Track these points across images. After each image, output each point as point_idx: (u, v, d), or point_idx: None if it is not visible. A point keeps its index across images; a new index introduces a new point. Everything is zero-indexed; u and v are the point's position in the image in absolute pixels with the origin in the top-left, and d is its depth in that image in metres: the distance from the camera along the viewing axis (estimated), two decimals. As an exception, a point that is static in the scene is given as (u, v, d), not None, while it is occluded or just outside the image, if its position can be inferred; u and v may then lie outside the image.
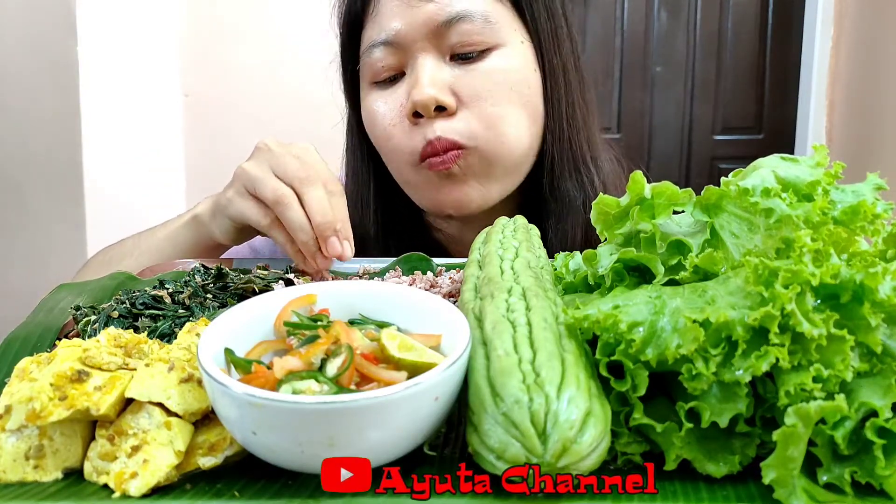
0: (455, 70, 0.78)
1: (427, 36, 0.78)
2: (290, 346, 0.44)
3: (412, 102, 0.77)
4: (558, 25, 0.83)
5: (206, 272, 0.66)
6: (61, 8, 1.70)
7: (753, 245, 0.45)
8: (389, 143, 0.82)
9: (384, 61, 0.80)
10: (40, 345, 0.57)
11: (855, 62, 2.76)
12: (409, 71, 0.80)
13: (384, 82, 0.82)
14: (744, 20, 3.15)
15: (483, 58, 0.79)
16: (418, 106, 0.77)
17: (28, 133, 1.64)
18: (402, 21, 0.78)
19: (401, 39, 0.78)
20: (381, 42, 0.79)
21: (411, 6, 0.77)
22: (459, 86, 0.78)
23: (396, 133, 0.81)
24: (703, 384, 0.38)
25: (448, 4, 0.77)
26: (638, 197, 0.51)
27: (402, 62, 0.80)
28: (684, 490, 0.38)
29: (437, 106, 0.77)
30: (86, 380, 0.41)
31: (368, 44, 0.81)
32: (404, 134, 0.80)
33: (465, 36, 0.77)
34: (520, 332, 0.41)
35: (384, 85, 0.82)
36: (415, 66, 0.78)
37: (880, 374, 0.38)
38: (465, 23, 0.77)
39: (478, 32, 0.77)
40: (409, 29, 0.78)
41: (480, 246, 0.59)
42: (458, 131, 0.78)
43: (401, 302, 0.49)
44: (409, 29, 0.78)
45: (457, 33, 0.77)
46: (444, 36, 0.77)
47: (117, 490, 0.38)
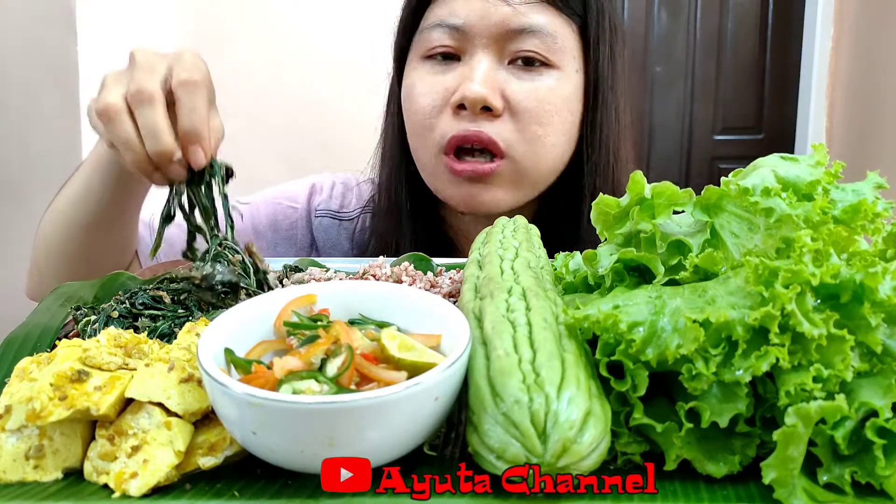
0: (509, 76, 0.80)
1: (495, 36, 0.79)
2: (290, 346, 0.44)
3: (462, 95, 0.78)
4: (617, 66, 0.85)
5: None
6: (61, 8, 1.70)
7: (753, 245, 0.45)
8: (423, 123, 0.82)
9: (444, 42, 0.81)
10: (40, 345, 0.57)
11: (855, 62, 2.76)
12: (465, 60, 0.81)
13: (437, 59, 0.82)
14: (744, 20, 3.15)
15: (539, 73, 0.80)
16: (467, 101, 0.78)
17: (28, 133, 1.64)
18: (475, 13, 0.79)
19: (468, 30, 0.79)
20: (448, 25, 0.80)
21: (489, 2, 0.79)
22: (510, 92, 0.79)
23: (433, 115, 0.81)
24: (703, 384, 0.38)
25: (524, 14, 0.78)
26: (638, 197, 0.51)
27: (461, 49, 0.81)
28: (684, 490, 0.38)
29: (483, 106, 0.78)
30: (86, 380, 0.41)
31: (434, 21, 0.82)
32: (442, 119, 0.81)
33: (530, 49, 0.79)
34: (520, 332, 0.41)
35: (436, 62, 0.82)
36: (472, 60, 0.80)
37: (880, 374, 0.38)
38: (535, 37, 0.79)
39: (543, 49, 0.79)
40: (479, 23, 0.79)
41: (480, 246, 0.59)
42: (500, 135, 0.79)
43: (401, 302, 0.48)
44: (479, 23, 0.79)
45: (525, 43, 0.79)
46: (510, 41, 0.79)
47: (117, 490, 0.38)
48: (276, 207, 0.96)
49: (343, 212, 0.97)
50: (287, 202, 0.97)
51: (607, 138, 0.85)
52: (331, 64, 2.51)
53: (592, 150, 0.84)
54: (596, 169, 0.85)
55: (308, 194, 0.98)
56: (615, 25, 0.84)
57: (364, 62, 1.08)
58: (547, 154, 0.81)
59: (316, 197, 0.98)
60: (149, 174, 0.64)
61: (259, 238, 0.94)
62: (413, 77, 0.84)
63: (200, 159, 0.63)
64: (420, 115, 0.82)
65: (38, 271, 0.86)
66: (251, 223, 0.93)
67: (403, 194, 0.89)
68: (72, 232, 0.80)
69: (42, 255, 0.84)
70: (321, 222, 0.96)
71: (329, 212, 0.97)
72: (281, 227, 0.95)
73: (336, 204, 0.97)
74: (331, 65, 2.51)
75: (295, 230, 0.96)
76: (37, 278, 0.87)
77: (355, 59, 2.38)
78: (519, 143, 0.79)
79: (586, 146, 0.84)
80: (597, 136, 0.84)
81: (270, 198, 0.97)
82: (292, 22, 2.55)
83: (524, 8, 0.78)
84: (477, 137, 0.78)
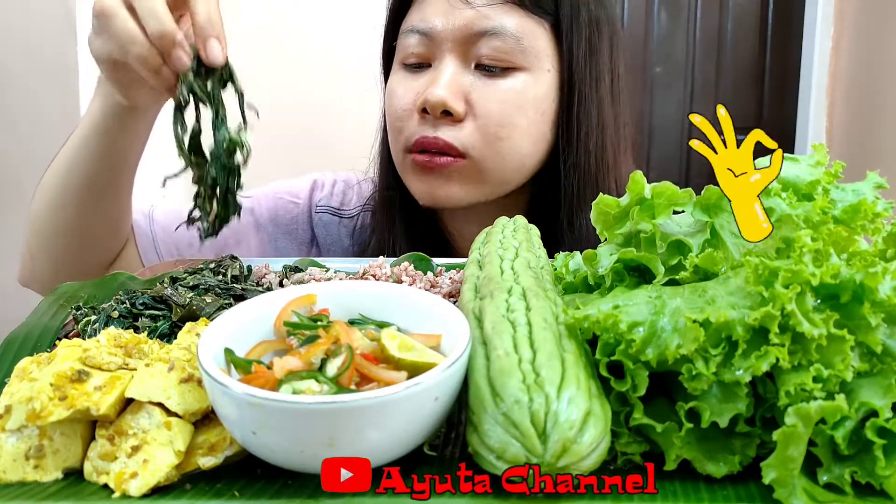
0: (475, 79, 0.81)
1: (459, 40, 0.80)
2: (290, 346, 0.44)
3: (423, 99, 0.80)
4: (599, 62, 0.85)
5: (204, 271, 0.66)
6: (61, 8, 1.70)
7: (753, 245, 0.45)
8: (396, 125, 0.85)
9: (416, 49, 0.83)
10: (40, 345, 0.57)
11: (855, 62, 2.76)
12: (434, 65, 0.82)
13: (412, 66, 0.85)
14: (744, 20, 3.15)
15: (505, 75, 0.81)
16: (428, 105, 0.79)
17: (28, 133, 1.64)
18: (442, 18, 0.80)
19: (435, 35, 0.81)
20: (418, 31, 0.82)
21: (453, 7, 0.80)
22: (474, 96, 0.80)
23: (404, 118, 0.83)
24: (703, 384, 0.38)
25: (486, 17, 0.79)
26: (638, 197, 0.51)
27: (431, 54, 0.83)
28: (684, 490, 0.38)
29: (444, 110, 0.79)
30: (86, 380, 0.41)
31: (408, 26, 0.84)
32: (411, 122, 0.83)
33: (494, 51, 0.80)
34: (520, 332, 0.41)
35: (411, 69, 0.85)
36: (440, 64, 0.81)
37: (880, 374, 0.38)
38: (497, 39, 0.79)
39: (506, 51, 0.80)
40: (444, 28, 0.80)
41: (480, 246, 0.59)
42: (458, 139, 0.80)
43: (401, 302, 0.48)
44: (444, 28, 0.80)
45: (487, 46, 0.79)
46: (474, 44, 0.80)
47: (117, 490, 0.38)
48: (278, 202, 0.97)
49: (343, 209, 0.98)
50: (289, 197, 0.98)
51: (586, 136, 0.84)
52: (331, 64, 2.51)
53: (570, 150, 0.84)
54: (574, 170, 0.84)
55: (310, 190, 0.99)
56: (596, 19, 0.84)
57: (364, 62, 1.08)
58: (511, 155, 0.82)
59: (317, 193, 0.99)
60: (157, 68, 0.63)
61: (260, 230, 0.95)
62: (392, 82, 0.86)
63: (217, 54, 0.62)
64: (393, 118, 0.85)
65: (29, 254, 0.86)
66: (252, 216, 0.94)
67: (397, 194, 0.90)
68: (63, 201, 0.80)
69: (34, 234, 0.84)
70: (321, 218, 0.97)
71: (330, 208, 0.98)
72: (281, 222, 0.96)
73: (337, 201, 0.99)
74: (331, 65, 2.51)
75: (296, 225, 0.97)
76: (29, 263, 0.86)
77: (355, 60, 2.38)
78: (480, 145, 0.81)
79: (563, 145, 0.84)
80: (574, 133, 0.84)
81: (272, 192, 0.98)
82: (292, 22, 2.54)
83: (487, 10, 0.79)
84: (434, 143, 0.80)
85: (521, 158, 0.83)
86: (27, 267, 0.87)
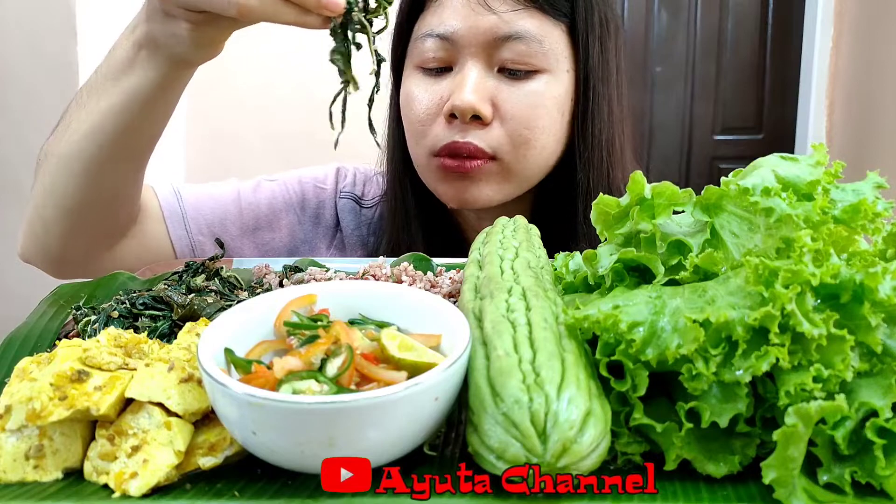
0: (500, 83, 0.81)
1: (483, 44, 0.80)
2: (290, 346, 0.44)
3: (452, 105, 0.80)
4: (609, 59, 0.86)
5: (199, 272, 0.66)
6: (61, 8, 1.70)
7: (753, 245, 0.45)
8: (418, 129, 0.85)
9: (435, 53, 0.83)
10: (40, 345, 0.57)
11: (855, 62, 2.76)
12: (456, 69, 0.83)
13: (430, 70, 0.85)
14: (744, 20, 3.15)
15: (528, 78, 0.82)
16: (457, 110, 0.80)
17: (28, 133, 1.64)
18: (464, 22, 0.80)
19: (457, 39, 0.81)
20: (438, 35, 0.82)
21: (475, 12, 0.80)
22: (500, 99, 0.81)
23: (427, 122, 0.84)
24: (703, 384, 0.38)
25: (510, 21, 0.79)
26: (638, 197, 0.51)
27: (452, 58, 0.83)
28: (684, 490, 0.38)
29: (473, 115, 0.80)
30: (86, 380, 0.41)
31: (425, 31, 0.83)
32: (435, 126, 0.83)
33: (518, 55, 0.80)
34: (520, 332, 0.41)
35: (430, 73, 0.85)
36: (463, 69, 0.81)
37: (880, 374, 0.38)
38: (522, 43, 0.80)
39: (530, 54, 0.80)
40: (467, 32, 0.80)
41: (480, 246, 0.59)
42: (487, 142, 0.81)
43: (401, 302, 0.49)
44: (467, 32, 0.80)
45: (510, 50, 0.80)
46: (498, 49, 0.80)
47: (117, 490, 0.38)
48: (305, 186, 0.98)
49: (364, 199, 1.00)
50: (315, 182, 0.99)
51: (599, 132, 0.86)
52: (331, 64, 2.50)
53: (585, 146, 0.86)
54: (589, 165, 0.86)
55: (335, 176, 1.00)
56: (605, 19, 0.85)
57: (363, 62, 1.08)
58: (537, 156, 0.84)
59: (341, 180, 1.00)
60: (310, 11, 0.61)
61: (290, 212, 0.95)
62: (409, 85, 0.86)
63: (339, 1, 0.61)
64: (416, 122, 0.85)
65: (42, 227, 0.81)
66: (283, 198, 0.95)
67: (409, 198, 0.91)
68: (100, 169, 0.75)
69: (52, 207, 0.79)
70: (345, 204, 0.99)
71: (353, 194, 0.99)
72: (310, 206, 0.97)
73: (359, 190, 1.00)
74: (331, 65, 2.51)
75: (322, 209, 0.98)
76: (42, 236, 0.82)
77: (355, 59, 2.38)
78: (508, 147, 0.82)
79: (578, 141, 0.86)
80: (588, 129, 0.86)
81: (296, 178, 0.99)
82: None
83: (510, 15, 0.79)
84: (466, 147, 0.81)
85: (545, 157, 0.85)
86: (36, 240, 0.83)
